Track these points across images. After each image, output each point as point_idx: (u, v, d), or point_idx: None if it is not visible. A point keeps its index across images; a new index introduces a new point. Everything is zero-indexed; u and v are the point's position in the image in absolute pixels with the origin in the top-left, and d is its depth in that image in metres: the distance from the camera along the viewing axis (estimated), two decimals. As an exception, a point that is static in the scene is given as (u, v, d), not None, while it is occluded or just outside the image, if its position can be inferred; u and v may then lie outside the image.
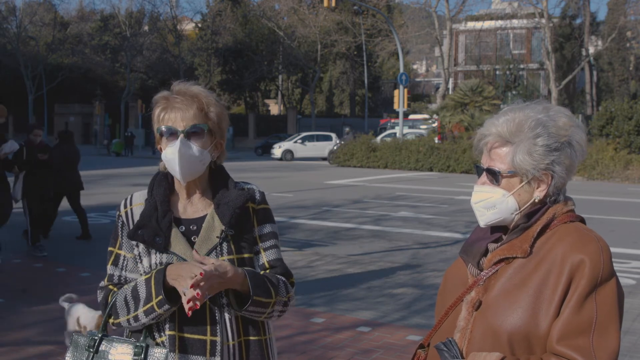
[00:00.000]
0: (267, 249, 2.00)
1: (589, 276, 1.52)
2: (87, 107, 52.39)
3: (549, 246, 1.61)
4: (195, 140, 1.88)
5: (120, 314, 1.89)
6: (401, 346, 4.84)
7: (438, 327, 1.74)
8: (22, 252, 8.30)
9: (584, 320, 1.50)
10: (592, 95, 42.18)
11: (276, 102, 60.47)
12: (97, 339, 1.87)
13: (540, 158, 1.61)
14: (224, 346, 1.87)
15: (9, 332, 5.09)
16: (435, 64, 69.77)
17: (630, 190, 18.90)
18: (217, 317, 1.87)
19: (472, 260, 1.72)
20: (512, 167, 1.64)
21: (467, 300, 1.67)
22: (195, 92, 1.92)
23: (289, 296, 1.97)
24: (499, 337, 1.56)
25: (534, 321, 1.53)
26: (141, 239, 1.89)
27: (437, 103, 36.51)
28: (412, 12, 48.53)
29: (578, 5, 42.80)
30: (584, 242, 1.57)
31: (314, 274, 7.29)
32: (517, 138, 1.63)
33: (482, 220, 1.70)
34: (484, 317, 1.61)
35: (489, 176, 1.68)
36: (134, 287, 1.87)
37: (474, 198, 1.71)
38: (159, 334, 1.89)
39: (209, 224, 1.92)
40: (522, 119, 1.63)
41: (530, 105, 1.69)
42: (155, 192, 1.95)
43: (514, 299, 1.57)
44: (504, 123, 1.65)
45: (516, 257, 1.62)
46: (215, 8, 52.34)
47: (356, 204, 14.53)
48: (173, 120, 1.88)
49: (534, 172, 1.63)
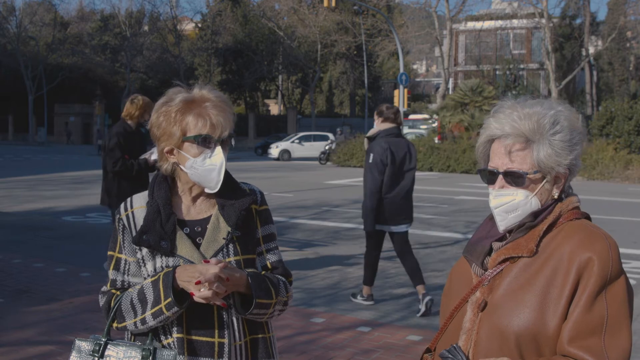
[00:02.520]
0: (269, 250, 2.00)
1: (598, 275, 1.49)
2: (87, 107, 52.35)
3: (555, 244, 1.58)
4: (224, 148, 1.89)
5: (126, 317, 1.87)
6: (401, 346, 4.84)
7: (444, 330, 1.71)
8: (22, 252, 8.29)
9: (594, 320, 1.47)
10: (592, 95, 42.16)
11: (276, 102, 60.46)
12: (101, 343, 1.85)
13: (565, 154, 1.59)
14: (232, 347, 1.87)
15: (9, 332, 5.09)
16: (435, 64, 69.78)
17: (630, 190, 18.89)
18: (225, 319, 1.87)
19: (476, 259, 1.68)
20: (535, 166, 1.59)
21: (472, 301, 1.64)
22: (226, 99, 1.91)
23: (289, 295, 1.98)
24: (506, 338, 1.53)
25: (542, 321, 1.50)
26: (147, 244, 1.86)
27: (437, 103, 36.48)
28: (412, 12, 48.58)
29: (578, 5, 42.77)
30: (592, 240, 1.54)
31: (314, 274, 7.29)
32: (537, 135, 1.58)
33: (503, 224, 1.64)
34: (490, 318, 1.57)
35: (508, 179, 1.61)
36: (140, 290, 1.85)
37: (495, 202, 1.63)
38: (165, 336, 1.88)
39: (214, 225, 1.91)
40: (539, 116, 1.59)
41: (535, 101, 1.66)
42: (157, 195, 1.93)
43: (521, 298, 1.54)
44: (521, 121, 1.59)
45: (522, 256, 1.59)
46: (215, 8, 52.33)
47: (356, 204, 14.50)
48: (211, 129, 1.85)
49: (558, 169, 1.60)
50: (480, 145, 1.69)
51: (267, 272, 1.97)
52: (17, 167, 25.46)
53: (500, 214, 1.63)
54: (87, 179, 19.98)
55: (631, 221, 12.28)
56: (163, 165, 1.93)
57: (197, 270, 1.76)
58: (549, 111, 1.61)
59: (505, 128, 1.60)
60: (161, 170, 1.95)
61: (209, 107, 1.85)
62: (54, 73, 50.97)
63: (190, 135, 1.84)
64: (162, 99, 1.93)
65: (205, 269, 1.75)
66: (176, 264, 1.86)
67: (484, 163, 1.72)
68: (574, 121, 1.63)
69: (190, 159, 1.86)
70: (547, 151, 1.58)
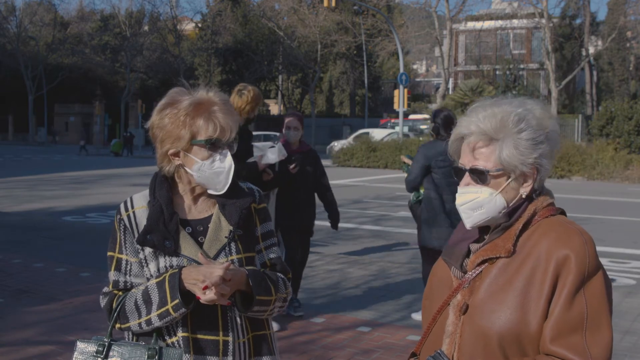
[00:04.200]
0: (267, 247, 2.03)
1: (576, 272, 1.49)
2: (87, 107, 52.34)
3: (532, 242, 1.58)
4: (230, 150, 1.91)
5: (130, 318, 1.87)
6: (401, 346, 4.84)
7: (427, 335, 1.71)
8: (22, 252, 8.29)
9: (574, 317, 1.48)
10: (592, 95, 42.16)
11: (276, 102, 60.44)
12: (105, 344, 1.84)
13: (528, 152, 1.58)
14: (236, 344, 1.89)
15: (9, 332, 5.09)
16: (435, 64, 69.78)
17: (630, 190, 18.89)
18: (229, 317, 1.89)
19: (455, 262, 1.68)
20: (498, 164, 1.60)
21: (453, 304, 1.64)
22: (229, 101, 1.93)
23: (288, 292, 2.00)
24: (489, 339, 1.53)
25: (524, 321, 1.51)
26: (151, 244, 1.87)
27: (437, 103, 36.48)
28: (412, 12, 48.56)
29: (578, 5, 42.79)
30: (568, 236, 1.54)
31: (314, 274, 7.29)
32: (501, 134, 1.59)
33: (469, 221, 1.65)
34: (472, 320, 1.58)
35: (473, 176, 1.63)
36: (145, 291, 1.85)
37: (459, 200, 1.65)
38: (169, 336, 1.88)
39: (216, 224, 1.92)
40: (503, 114, 1.59)
41: (505, 100, 1.65)
42: (159, 195, 1.93)
43: (502, 299, 1.54)
44: (485, 120, 1.60)
45: (500, 257, 1.59)
46: (215, 8, 52.29)
47: (356, 204, 14.51)
48: (221, 132, 1.87)
49: (522, 168, 1.60)
50: (452, 143, 1.70)
51: (266, 269, 1.99)
52: (17, 167, 25.47)
53: (465, 211, 1.64)
54: (86, 179, 20.00)
55: (631, 221, 12.28)
56: (165, 167, 1.93)
57: (201, 273, 1.77)
58: (516, 109, 1.61)
59: (470, 127, 1.62)
60: (162, 171, 1.95)
61: (217, 111, 1.87)
62: (54, 73, 50.96)
63: (201, 139, 1.86)
64: (165, 99, 1.91)
65: (209, 272, 1.76)
66: (180, 264, 1.86)
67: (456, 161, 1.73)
68: (544, 120, 1.62)
69: (199, 162, 1.87)
70: (510, 149, 1.58)
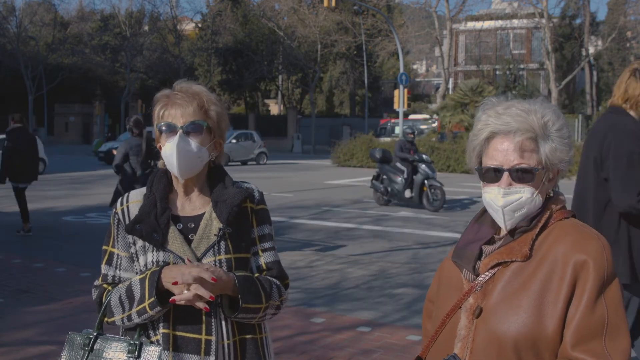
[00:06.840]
0: (265, 250, 2.00)
1: (595, 277, 1.47)
2: (87, 107, 52.33)
3: (547, 246, 1.55)
4: (194, 137, 1.89)
5: (115, 312, 1.89)
6: (401, 346, 4.84)
7: (435, 338, 1.67)
8: (22, 252, 8.29)
9: (596, 323, 1.46)
10: (592, 95, 42.15)
11: (276, 102, 60.44)
12: (92, 337, 1.88)
13: (567, 151, 1.59)
14: (219, 345, 1.86)
15: (9, 332, 5.09)
16: (435, 64, 69.74)
17: (630, 190, 18.86)
18: (213, 317, 1.87)
19: (466, 264, 1.65)
20: (541, 163, 1.57)
21: (465, 307, 1.60)
22: (197, 90, 1.93)
23: (282, 299, 1.97)
24: (504, 344, 1.50)
25: (540, 325, 1.48)
26: (139, 233, 1.89)
27: (437, 103, 36.50)
28: (412, 12, 48.54)
29: (578, 5, 42.78)
30: (585, 241, 1.52)
31: (314, 274, 7.29)
32: (544, 131, 1.57)
33: (510, 223, 1.59)
34: (486, 324, 1.54)
35: (518, 175, 1.56)
36: (129, 286, 1.87)
37: (504, 201, 1.57)
38: (154, 332, 1.89)
39: (207, 222, 1.92)
40: (542, 113, 1.59)
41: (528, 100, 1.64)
42: (155, 189, 1.96)
43: (517, 303, 1.51)
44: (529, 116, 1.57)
45: (515, 260, 1.56)
46: (215, 8, 52.27)
47: (356, 204, 14.52)
48: (173, 117, 1.90)
49: (560, 166, 1.59)
50: (479, 143, 1.63)
51: (260, 275, 1.96)
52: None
53: (508, 213, 1.58)
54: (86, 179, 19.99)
55: (631, 221, 12.27)
56: (160, 161, 1.98)
57: (179, 271, 1.77)
58: (546, 109, 1.61)
59: (511, 123, 1.56)
60: (159, 165, 2.00)
61: (173, 98, 1.91)
62: (54, 73, 50.92)
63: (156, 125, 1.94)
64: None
65: (187, 272, 1.75)
66: (166, 259, 1.87)
67: (477, 161, 1.66)
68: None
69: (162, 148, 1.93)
70: (553, 147, 1.57)
